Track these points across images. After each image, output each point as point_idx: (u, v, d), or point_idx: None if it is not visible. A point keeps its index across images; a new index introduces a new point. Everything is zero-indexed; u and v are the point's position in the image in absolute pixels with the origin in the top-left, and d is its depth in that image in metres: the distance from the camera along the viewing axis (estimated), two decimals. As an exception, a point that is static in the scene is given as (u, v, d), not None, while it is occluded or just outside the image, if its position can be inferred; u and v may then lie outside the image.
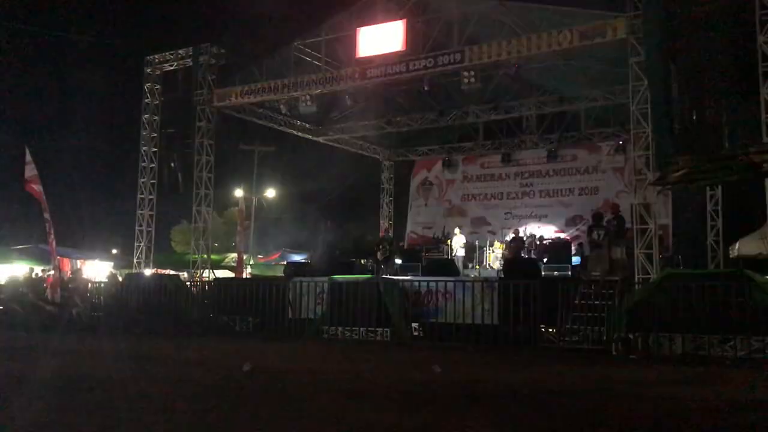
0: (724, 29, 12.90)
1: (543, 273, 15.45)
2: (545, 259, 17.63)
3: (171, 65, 21.48)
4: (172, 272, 23.77)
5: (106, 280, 19.20)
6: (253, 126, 23.38)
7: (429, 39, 17.79)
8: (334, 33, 18.93)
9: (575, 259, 17.80)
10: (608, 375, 8.82)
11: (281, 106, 20.42)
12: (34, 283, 18.69)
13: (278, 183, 37.73)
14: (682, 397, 6.84)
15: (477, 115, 22.38)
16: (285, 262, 22.62)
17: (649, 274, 13.85)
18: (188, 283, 17.83)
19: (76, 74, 52.15)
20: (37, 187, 16.92)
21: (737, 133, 12.52)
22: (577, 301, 11.76)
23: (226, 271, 26.12)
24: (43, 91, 48.94)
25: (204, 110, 20.68)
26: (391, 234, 25.00)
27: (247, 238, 31.06)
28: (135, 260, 21.42)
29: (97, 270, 25.03)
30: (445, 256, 20.00)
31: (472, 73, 16.67)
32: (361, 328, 13.06)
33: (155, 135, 21.52)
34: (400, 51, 17.47)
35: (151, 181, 21.42)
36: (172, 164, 21.04)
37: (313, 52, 19.82)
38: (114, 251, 34.25)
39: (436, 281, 13.31)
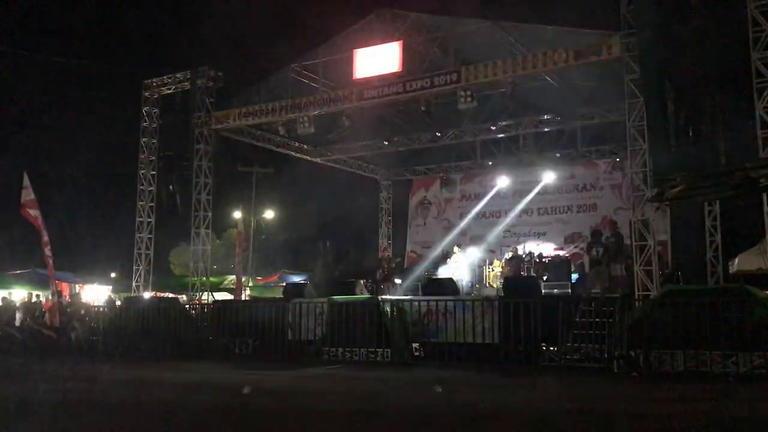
0: (718, 46, 13.00)
1: (543, 291, 15.41)
2: (545, 277, 17.60)
3: (169, 89, 21.56)
4: (171, 295, 23.67)
5: (104, 305, 19.12)
6: (251, 148, 23.43)
7: (425, 60, 17.90)
8: (331, 55, 19.02)
9: (574, 277, 17.77)
10: (610, 393, 8.77)
11: (279, 128, 20.45)
12: (32, 308, 18.61)
13: (277, 204, 37.77)
14: (684, 414, 6.79)
15: (474, 134, 22.44)
16: (284, 284, 22.53)
17: (649, 290, 13.81)
18: (187, 306, 17.76)
19: (74, 98, 52.32)
20: (33, 212, 16.88)
21: (734, 148, 12.57)
22: (577, 319, 11.72)
23: (225, 293, 26.02)
24: (41, 116, 49.08)
25: (202, 133, 20.72)
26: (390, 254, 25.00)
27: (246, 260, 31.01)
28: (134, 284, 21.33)
29: (95, 294, 24.95)
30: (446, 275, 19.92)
31: (469, 92, 16.74)
32: (362, 349, 12.99)
33: (153, 158, 21.56)
34: (396, 72, 17.58)
35: (150, 204, 21.41)
36: (171, 187, 21.03)
37: (310, 74, 19.90)
38: (113, 275, 34.16)
39: (436, 300, 13.27)
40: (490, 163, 24.16)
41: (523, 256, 19.72)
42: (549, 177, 22.70)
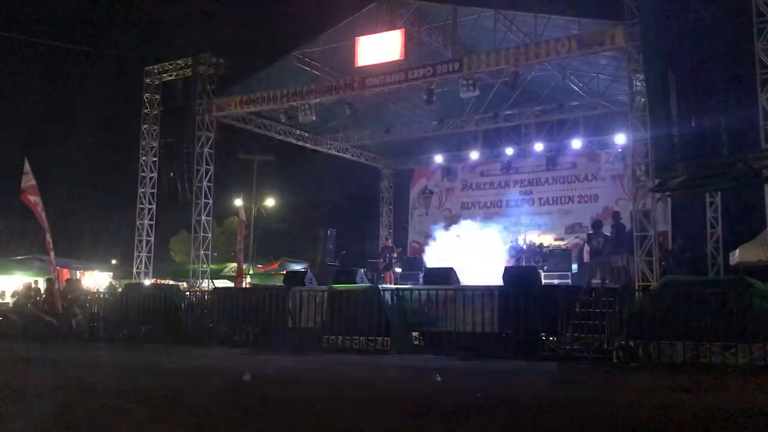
0: (722, 37, 12.94)
1: (543, 281, 15.42)
2: (545, 267, 17.62)
3: (170, 75, 21.52)
4: (171, 282, 23.69)
5: (106, 291, 19.15)
6: (252, 135, 23.41)
7: (427, 48, 17.84)
8: (333, 43, 18.96)
9: (575, 267, 17.79)
10: (609, 383, 8.79)
11: (280, 116, 20.43)
12: (33, 294, 18.61)
13: (278, 192, 37.76)
14: (683, 405, 6.81)
15: (476, 123, 22.41)
16: (285, 272, 22.55)
17: (649, 281, 13.82)
18: (188, 293, 17.77)
19: (75, 84, 52.24)
20: (33, 198, 16.81)
21: (736, 139, 12.54)
22: (577, 309, 11.73)
23: (226, 280, 26.03)
24: (42, 101, 49.01)
25: (203, 120, 20.71)
26: (391, 243, 25.00)
27: (247, 248, 30.99)
28: (134, 270, 21.38)
29: (96, 280, 24.98)
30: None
31: (471, 81, 16.70)
32: (362, 337, 13.01)
33: (155, 145, 21.55)
34: (398, 60, 17.52)
35: (151, 191, 21.42)
36: (172, 174, 21.03)
37: (312, 62, 19.87)
38: (113, 261, 34.20)
39: (437, 290, 13.29)
40: (492, 152, 24.13)
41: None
42: (550, 167, 22.68)
